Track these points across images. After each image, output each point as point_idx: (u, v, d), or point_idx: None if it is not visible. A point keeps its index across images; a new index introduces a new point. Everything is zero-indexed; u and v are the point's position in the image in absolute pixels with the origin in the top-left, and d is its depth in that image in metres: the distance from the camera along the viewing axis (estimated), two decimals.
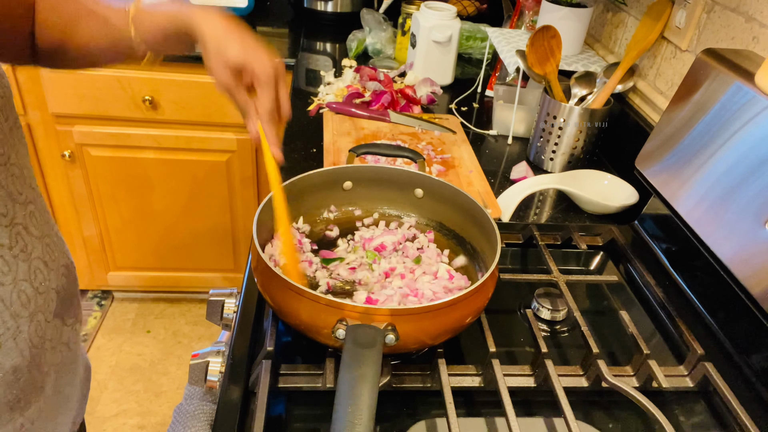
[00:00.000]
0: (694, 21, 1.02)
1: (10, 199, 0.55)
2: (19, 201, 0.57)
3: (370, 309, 0.58)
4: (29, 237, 0.58)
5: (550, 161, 1.18)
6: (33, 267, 0.58)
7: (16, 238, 0.56)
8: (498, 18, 1.78)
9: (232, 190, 1.82)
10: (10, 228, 0.55)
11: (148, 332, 2.06)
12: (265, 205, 0.71)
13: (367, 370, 0.52)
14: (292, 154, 1.16)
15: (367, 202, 0.86)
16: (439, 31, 1.44)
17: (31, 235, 0.59)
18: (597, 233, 0.97)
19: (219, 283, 2.02)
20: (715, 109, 0.81)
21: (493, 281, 0.67)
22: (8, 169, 0.55)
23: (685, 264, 0.88)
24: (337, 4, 1.86)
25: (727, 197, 0.76)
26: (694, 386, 0.71)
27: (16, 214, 0.56)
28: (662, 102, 1.09)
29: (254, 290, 0.78)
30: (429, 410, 0.67)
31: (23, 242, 0.57)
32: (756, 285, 0.70)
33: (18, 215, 0.56)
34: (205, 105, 1.63)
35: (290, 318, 0.62)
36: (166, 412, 1.80)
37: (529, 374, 0.69)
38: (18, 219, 0.56)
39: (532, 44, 1.13)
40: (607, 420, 0.68)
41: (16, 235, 0.56)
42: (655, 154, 0.92)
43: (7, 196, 0.55)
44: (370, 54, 1.67)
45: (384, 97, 1.32)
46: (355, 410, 0.48)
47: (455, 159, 1.15)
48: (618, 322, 0.81)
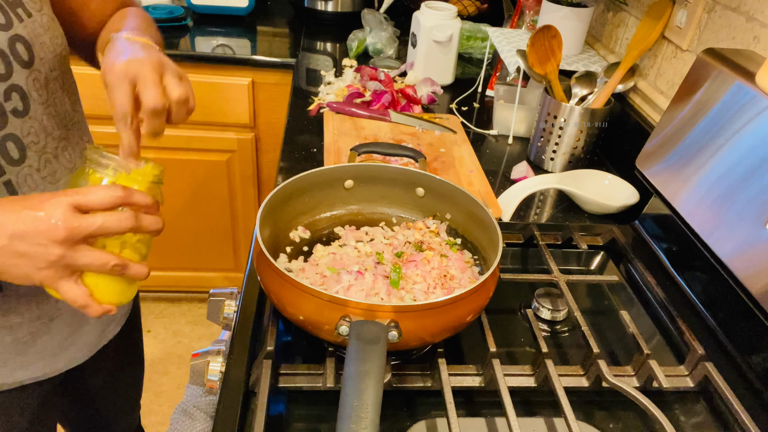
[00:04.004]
0: (694, 21, 1.02)
1: (45, 132, 0.67)
2: (53, 136, 0.68)
3: (374, 305, 0.58)
4: (58, 165, 0.70)
5: (551, 161, 1.18)
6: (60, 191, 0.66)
7: (45, 164, 0.67)
8: (498, 18, 1.78)
9: (232, 190, 1.82)
10: (40, 155, 0.67)
11: (148, 332, 2.06)
12: (263, 198, 0.71)
13: (372, 366, 0.52)
14: (293, 154, 1.16)
15: (369, 201, 0.86)
16: (439, 31, 1.44)
17: (61, 165, 0.70)
18: (597, 233, 0.97)
19: (219, 282, 2.02)
20: (716, 109, 0.81)
21: (494, 280, 0.67)
22: (46, 109, 0.67)
23: (686, 264, 0.88)
24: (338, 4, 1.86)
25: (728, 197, 0.76)
26: (695, 386, 0.71)
27: (47, 145, 0.68)
28: (663, 102, 1.09)
29: (254, 290, 0.78)
30: (429, 410, 0.67)
31: (52, 168, 0.68)
32: (756, 285, 0.70)
33: (49, 146, 0.68)
34: (205, 105, 1.63)
35: (292, 314, 0.62)
36: (166, 411, 1.80)
37: (529, 374, 0.69)
38: (49, 149, 0.68)
39: (532, 44, 1.13)
40: (607, 420, 0.68)
41: (45, 162, 0.67)
42: (655, 154, 0.92)
43: (42, 129, 0.67)
44: (370, 54, 1.67)
45: (384, 97, 1.32)
46: (360, 405, 0.48)
47: (455, 159, 1.15)
48: (618, 322, 0.81)
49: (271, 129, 1.72)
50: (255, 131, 1.72)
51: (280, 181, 1.04)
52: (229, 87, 1.61)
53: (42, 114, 0.66)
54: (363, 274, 0.70)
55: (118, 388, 1.02)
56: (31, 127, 0.65)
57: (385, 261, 0.74)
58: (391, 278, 0.71)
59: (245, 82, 1.61)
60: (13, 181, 0.63)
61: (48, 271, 0.52)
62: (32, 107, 0.65)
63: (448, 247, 0.79)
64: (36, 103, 0.65)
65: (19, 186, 0.64)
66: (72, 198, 0.51)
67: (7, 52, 0.60)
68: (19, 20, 0.62)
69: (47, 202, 0.51)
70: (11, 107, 0.62)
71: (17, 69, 0.62)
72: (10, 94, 0.61)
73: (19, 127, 0.63)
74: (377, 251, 0.76)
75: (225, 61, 1.59)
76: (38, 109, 0.66)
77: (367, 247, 0.77)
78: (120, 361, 0.98)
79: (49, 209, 0.50)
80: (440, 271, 0.73)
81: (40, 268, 0.51)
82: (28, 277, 0.52)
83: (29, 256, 0.51)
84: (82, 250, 0.52)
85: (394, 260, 0.74)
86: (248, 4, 1.78)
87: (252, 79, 1.62)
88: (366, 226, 0.83)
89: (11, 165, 0.63)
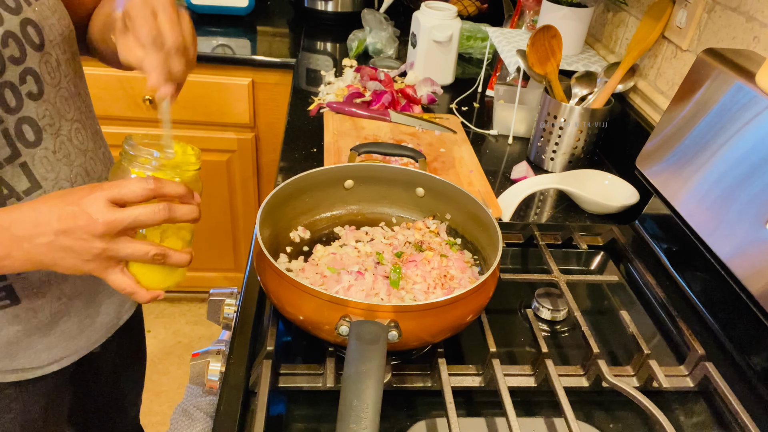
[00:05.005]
0: (694, 21, 1.02)
1: (59, 115, 0.68)
2: (66, 118, 0.70)
3: (374, 305, 0.58)
4: (72, 147, 0.71)
5: (551, 161, 1.18)
6: (74, 172, 0.71)
7: (60, 146, 0.69)
8: (498, 18, 1.78)
9: (232, 190, 1.82)
10: (56, 137, 0.68)
11: (148, 332, 2.05)
12: (263, 198, 0.71)
13: (371, 366, 0.52)
14: (293, 154, 1.16)
15: (369, 201, 0.86)
16: (439, 31, 1.44)
17: (75, 147, 0.71)
18: (597, 233, 0.97)
19: (219, 282, 2.02)
20: (716, 109, 0.81)
21: (494, 280, 0.67)
22: (58, 92, 0.68)
23: (686, 264, 0.88)
24: (338, 4, 1.86)
25: (728, 197, 0.76)
26: (695, 386, 0.71)
27: (62, 127, 0.69)
28: (663, 102, 1.09)
29: (254, 290, 0.78)
30: (429, 410, 0.67)
31: (66, 150, 0.70)
32: (756, 285, 0.70)
33: (63, 128, 0.69)
34: (205, 105, 1.63)
35: (292, 314, 0.62)
36: (166, 411, 1.80)
37: (529, 374, 0.69)
38: (63, 131, 0.69)
39: (532, 44, 1.13)
40: (607, 420, 0.68)
41: (60, 144, 0.69)
42: (655, 154, 0.92)
43: (56, 112, 0.68)
44: (370, 54, 1.67)
45: (384, 97, 1.32)
46: (360, 404, 0.48)
47: (455, 159, 1.15)
48: (618, 321, 0.81)
49: (271, 129, 1.72)
50: (255, 131, 1.72)
51: (280, 181, 1.04)
52: (229, 87, 1.61)
53: (55, 96, 0.67)
54: (363, 274, 0.70)
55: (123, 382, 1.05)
56: (46, 109, 0.66)
57: (385, 261, 0.74)
58: (391, 278, 0.71)
59: (245, 82, 1.61)
60: (28, 162, 0.65)
61: (94, 263, 0.55)
62: (46, 90, 0.66)
63: (448, 247, 0.79)
64: (49, 86, 0.66)
65: (35, 167, 0.66)
66: (107, 192, 0.54)
67: (19, 36, 0.61)
68: (27, 4, 0.62)
69: (85, 198, 0.53)
70: (26, 90, 0.63)
71: (30, 52, 0.63)
72: (25, 78, 0.63)
73: (34, 110, 0.64)
74: (377, 251, 0.76)
75: (225, 61, 1.59)
76: (51, 91, 0.67)
77: (367, 247, 0.77)
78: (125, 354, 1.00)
79: (86, 205, 0.53)
80: (440, 271, 0.73)
81: (86, 260, 0.55)
82: (76, 268, 0.56)
83: (74, 250, 0.54)
84: (123, 241, 0.55)
85: (394, 260, 0.74)
86: (248, 4, 1.78)
87: (252, 79, 1.62)
88: (366, 226, 0.83)
89: (27, 147, 0.64)
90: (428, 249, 0.77)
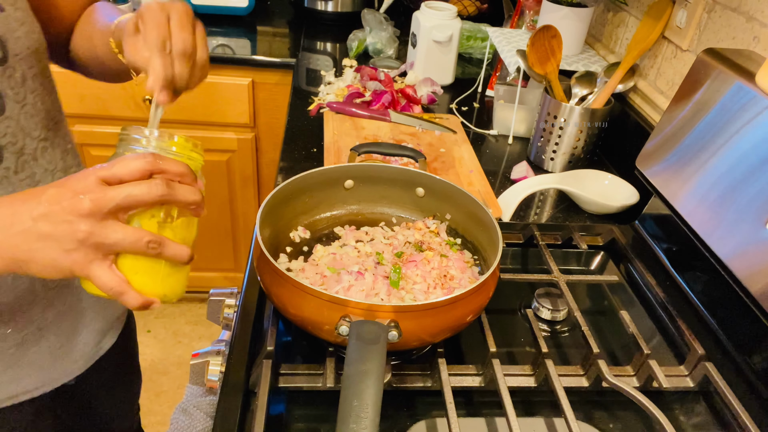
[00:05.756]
0: (694, 21, 1.02)
1: (23, 132, 0.64)
2: (32, 136, 0.65)
3: (374, 305, 0.58)
4: (38, 167, 0.66)
5: (551, 161, 1.18)
6: None
7: (22, 166, 0.64)
8: (498, 18, 1.78)
9: (232, 190, 1.82)
10: (18, 156, 0.63)
11: (148, 332, 2.06)
12: (263, 198, 0.71)
13: (372, 366, 0.52)
14: (293, 154, 1.16)
15: (369, 201, 0.86)
16: (439, 31, 1.44)
17: (41, 167, 0.67)
18: (597, 233, 0.97)
19: (219, 282, 2.02)
20: (716, 109, 0.81)
21: (494, 280, 0.67)
22: (23, 108, 0.64)
23: (686, 264, 0.88)
24: (338, 4, 1.86)
25: (728, 197, 0.76)
26: (695, 386, 0.71)
27: (26, 146, 0.64)
28: (663, 102, 1.09)
29: (254, 290, 0.78)
30: (429, 410, 0.67)
31: (30, 170, 0.65)
32: (756, 285, 0.70)
33: (28, 147, 0.65)
34: (205, 105, 1.63)
35: (292, 314, 0.62)
36: (166, 411, 1.80)
37: (529, 374, 0.69)
38: (27, 150, 0.65)
39: (532, 44, 1.13)
40: (607, 420, 0.68)
41: (23, 163, 0.64)
42: (655, 154, 0.92)
43: (19, 129, 0.63)
44: (370, 54, 1.67)
45: (384, 97, 1.32)
46: (360, 405, 0.48)
47: (455, 159, 1.15)
48: (618, 322, 0.81)
49: (271, 129, 1.72)
50: (255, 131, 1.72)
51: (280, 181, 1.04)
52: (229, 87, 1.61)
53: (18, 113, 0.63)
54: (363, 274, 0.70)
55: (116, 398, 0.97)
56: (8, 127, 0.62)
57: (385, 261, 0.74)
58: (391, 278, 0.71)
59: (245, 82, 1.61)
60: None
61: (77, 254, 0.47)
62: (8, 106, 0.61)
63: (448, 247, 0.79)
64: (12, 102, 0.62)
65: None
66: (100, 171, 0.47)
67: None
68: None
69: (73, 177, 0.47)
70: None
71: None
72: None
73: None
74: (377, 251, 0.76)
75: (225, 61, 1.59)
76: (14, 107, 0.62)
77: (367, 247, 0.77)
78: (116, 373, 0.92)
79: (74, 183, 0.47)
80: (440, 271, 0.73)
81: (68, 250, 0.47)
82: (56, 264, 0.47)
83: (55, 236, 0.46)
84: (112, 225, 0.47)
85: (394, 260, 0.74)
86: (248, 4, 1.78)
87: (252, 79, 1.62)
88: (366, 226, 0.83)
89: None
90: (428, 249, 0.77)
